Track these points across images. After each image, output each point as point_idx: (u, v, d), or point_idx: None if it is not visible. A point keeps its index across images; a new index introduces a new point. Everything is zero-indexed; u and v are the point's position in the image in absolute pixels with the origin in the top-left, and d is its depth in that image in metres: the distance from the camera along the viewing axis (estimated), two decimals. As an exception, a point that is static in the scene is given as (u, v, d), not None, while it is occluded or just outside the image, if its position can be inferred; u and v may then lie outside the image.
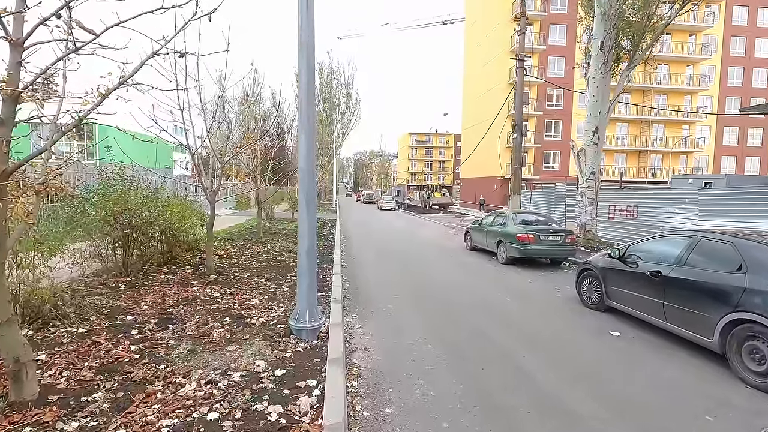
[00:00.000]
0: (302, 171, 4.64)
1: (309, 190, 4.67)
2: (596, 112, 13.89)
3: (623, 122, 41.73)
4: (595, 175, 14.12)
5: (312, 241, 4.71)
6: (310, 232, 4.70)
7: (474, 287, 8.37)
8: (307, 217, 4.67)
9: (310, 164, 4.64)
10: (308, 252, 4.71)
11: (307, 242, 4.69)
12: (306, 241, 4.69)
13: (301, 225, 4.70)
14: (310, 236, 4.70)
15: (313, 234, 4.72)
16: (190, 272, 8.08)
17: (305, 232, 4.69)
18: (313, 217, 4.71)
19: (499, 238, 11.42)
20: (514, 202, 16.84)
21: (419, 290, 7.97)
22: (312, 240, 4.71)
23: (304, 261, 4.72)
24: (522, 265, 10.92)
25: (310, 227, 4.70)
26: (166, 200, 8.44)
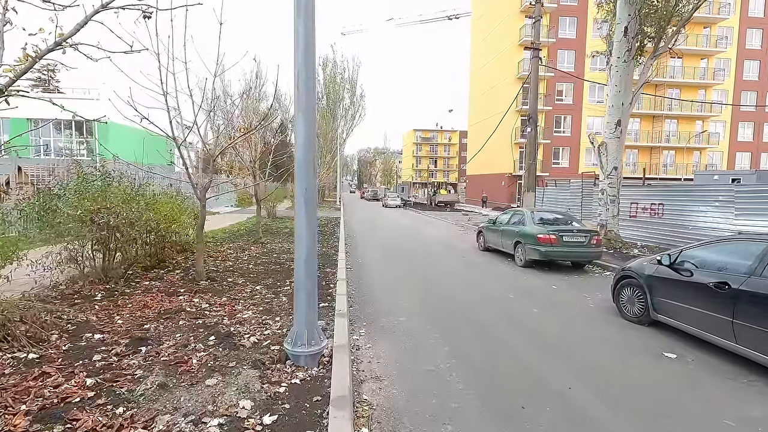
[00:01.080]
0: (300, 162, 3.80)
1: (308, 185, 3.82)
2: (619, 104, 12.96)
3: (635, 117, 40.52)
4: (618, 170, 13.20)
5: (312, 247, 3.87)
6: (310, 235, 3.86)
7: (493, 294, 7.51)
8: (305, 218, 3.82)
9: (309, 153, 3.80)
10: (307, 261, 3.87)
11: (305, 248, 3.85)
12: (304, 246, 3.84)
13: (298, 227, 3.85)
14: (310, 241, 3.86)
15: (313, 238, 3.88)
16: (178, 278, 7.28)
17: (303, 235, 3.84)
18: (313, 217, 3.87)
19: (516, 238, 10.54)
20: (528, 200, 15.94)
21: (433, 298, 7.12)
22: (312, 245, 3.87)
23: (301, 272, 3.88)
24: (541, 268, 10.04)
25: (310, 230, 3.85)
26: (151, 198, 7.64)
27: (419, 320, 5.87)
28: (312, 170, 3.84)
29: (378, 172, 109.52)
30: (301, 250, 3.85)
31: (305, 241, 3.84)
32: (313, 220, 3.87)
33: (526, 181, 16.19)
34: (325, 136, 44.55)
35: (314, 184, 3.85)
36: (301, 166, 3.80)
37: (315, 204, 3.91)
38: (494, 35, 42.45)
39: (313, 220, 3.87)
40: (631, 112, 13.18)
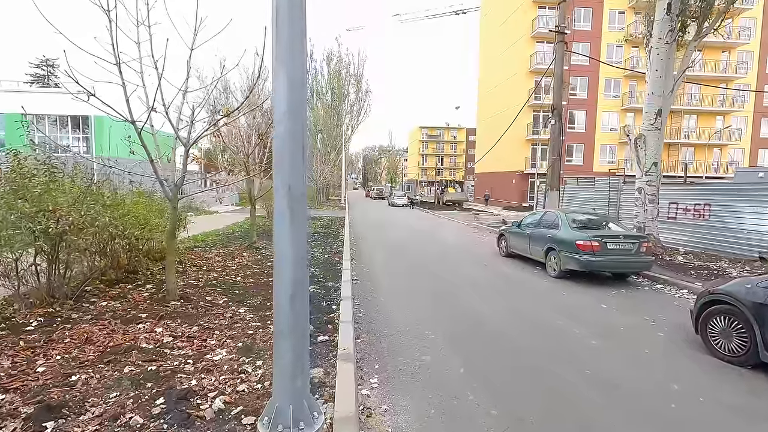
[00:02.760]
0: (281, 144, 2.40)
1: (294, 180, 2.42)
2: (659, 91, 11.45)
3: (652, 113, 38.71)
4: (657, 167, 11.70)
5: (301, 276, 2.46)
6: (297, 258, 2.45)
7: (535, 317, 6.08)
8: (290, 232, 2.43)
9: (295, 131, 2.40)
10: (295, 297, 2.46)
11: (289, 279, 2.44)
12: (288, 277, 2.44)
13: (280, 246, 2.45)
14: (297, 266, 2.45)
15: (301, 262, 2.47)
16: (146, 296, 5.92)
17: (287, 258, 2.43)
18: (301, 229, 2.47)
19: (548, 244, 9.10)
20: (551, 199, 14.47)
21: (461, 324, 5.71)
22: (301, 273, 2.46)
23: (285, 315, 2.47)
24: (577, 279, 8.60)
25: (297, 249, 2.45)
26: (113, 197, 6.29)
27: (450, 360, 4.46)
28: (301, 157, 2.45)
29: (383, 170, 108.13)
30: (283, 282, 2.45)
31: (290, 267, 2.44)
32: (301, 235, 2.47)
33: (550, 178, 14.71)
34: (329, 133, 43.21)
35: (303, 179, 2.44)
36: (282, 150, 2.41)
37: (305, 210, 2.51)
38: (505, 28, 40.81)
39: (301, 234, 2.47)
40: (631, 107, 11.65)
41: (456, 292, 7.44)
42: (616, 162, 39.15)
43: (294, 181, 2.43)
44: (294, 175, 2.43)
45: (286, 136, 2.41)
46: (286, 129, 2.40)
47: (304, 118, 2.48)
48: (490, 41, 45.03)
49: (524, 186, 38.46)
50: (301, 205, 2.45)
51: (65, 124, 32.23)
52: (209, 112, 7.63)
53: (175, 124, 5.60)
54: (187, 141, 5.51)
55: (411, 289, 7.62)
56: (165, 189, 5.43)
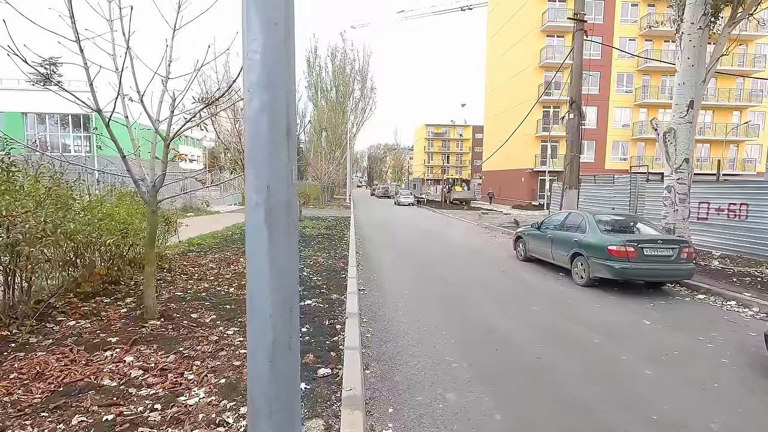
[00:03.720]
0: (254, 122, 1.59)
1: (273, 178, 1.60)
2: (692, 81, 10.52)
3: (665, 107, 37.59)
4: (689, 163, 10.79)
5: (286, 333, 1.64)
6: (281, 304, 1.62)
7: (571, 337, 5.25)
8: (268, 263, 1.61)
9: (279, 98, 1.59)
10: (275, 360, 1.63)
11: (269, 338, 1.62)
12: (266, 331, 1.62)
13: (252, 286, 1.63)
14: (280, 317, 1.62)
15: (286, 309, 1.65)
16: (123, 312, 5.15)
17: (264, 305, 1.61)
18: (286, 258, 1.65)
19: (574, 249, 8.25)
20: (569, 199, 13.57)
21: (486, 347, 4.88)
22: (285, 327, 1.64)
23: (262, 384, 1.66)
24: (608, 287, 7.75)
25: (281, 293, 1.63)
26: (96, 199, 5.54)
27: (481, 401, 3.64)
28: (284, 147, 1.64)
29: (388, 169, 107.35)
30: (260, 338, 1.64)
31: (269, 319, 1.62)
32: (287, 267, 1.65)
33: (568, 176, 13.80)
34: (334, 131, 42.44)
35: (288, 179, 1.63)
36: (255, 138, 1.60)
37: (292, 225, 1.69)
38: (513, 22, 39.77)
39: (287, 265, 1.65)
40: (648, 103, 10.66)
41: (475, 305, 6.62)
42: (628, 159, 38.12)
43: (274, 182, 1.62)
44: (274, 173, 1.62)
45: (262, 116, 1.60)
46: (262, 106, 1.59)
47: (290, 90, 1.67)
48: (497, 37, 43.98)
49: (534, 184, 37.49)
50: (285, 219, 1.64)
51: (66, 123, 31.75)
52: (197, 103, 6.87)
53: (154, 114, 4.83)
54: (167, 134, 4.73)
55: (424, 300, 6.80)
56: (141, 190, 4.65)
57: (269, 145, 1.61)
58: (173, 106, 4.76)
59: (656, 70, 36.58)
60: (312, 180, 40.04)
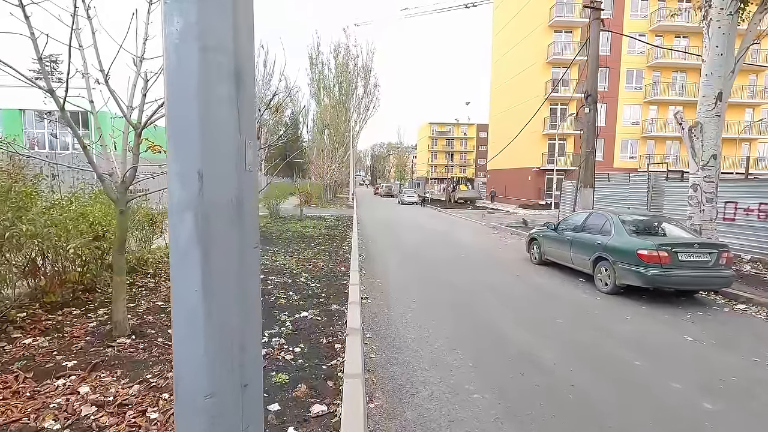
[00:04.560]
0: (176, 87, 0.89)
1: (210, 164, 0.90)
2: (720, 71, 9.76)
3: (676, 104, 36.71)
4: (717, 160, 10.04)
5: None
6: (225, 392, 0.95)
7: (606, 357, 4.54)
8: (205, 325, 0.92)
9: (222, 48, 0.89)
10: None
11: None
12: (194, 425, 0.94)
13: (180, 357, 0.94)
14: (228, 417, 0.95)
15: (247, 408, 0.97)
16: (91, 327, 4.49)
17: (194, 396, 0.93)
18: (244, 305, 0.96)
19: (597, 253, 7.53)
20: (584, 198, 12.84)
21: (509, 369, 4.18)
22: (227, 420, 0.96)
23: None
24: (634, 295, 7.04)
25: (236, 371, 0.95)
26: (55, 197, 4.88)
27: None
28: (233, 100, 0.92)
29: (392, 168, 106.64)
30: None
31: (205, 412, 0.94)
32: (245, 315, 0.97)
33: (583, 174, 13.06)
34: (337, 129, 41.79)
35: (238, 155, 0.94)
36: (180, 78, 0.89)
37: (251, 241, 1.00)
38: (519, 18, 38.93)
39: (244, 312, 0.97)
40: (657, 99, 9.90)
41: (490, 316, 5.92)
42: (637, 158, 37.27)
43: (212, 166, 0.92)
44: (211, 152, 0.92)
45: (188, 48, 0.90)
46: (187, 28, 0.90)
47: (241, 6, 0.98)
48: (503, 33, 43.15)
49: (541, 183, 36.69)
50: (233, 231, 0.95)
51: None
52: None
53: (127, 100, 4.16)
54: (139, 122, 4.05)
55: (433, 311, 6.10)
56: (106, 186, 3.98)
57: (202, 101, 0.91)
58: (145, 89, 4.08)
59: (666, 66, 35.71)
60: (314, 179, 39.39)
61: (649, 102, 36.24)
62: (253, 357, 1.04)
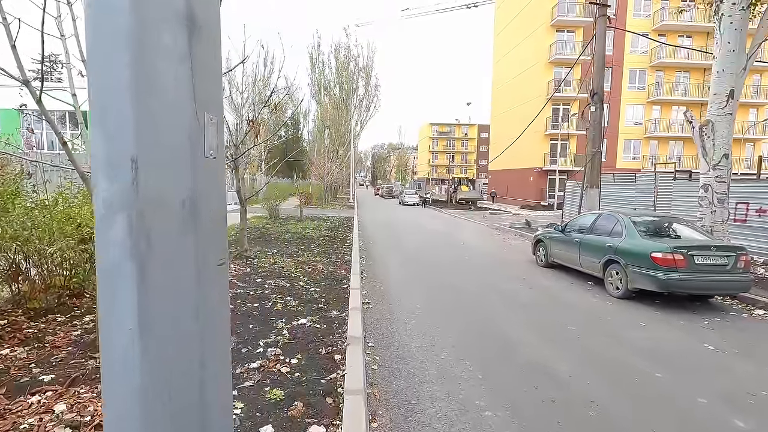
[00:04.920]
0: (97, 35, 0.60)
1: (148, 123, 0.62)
2: (732, 68, 9.47)
3: (679, 104, 36.43)
4: (728, 160, 9.75)
5: None
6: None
7: (625, 368, 4.24)
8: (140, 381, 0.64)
9: None
10: None
11: None
12: None
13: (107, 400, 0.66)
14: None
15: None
16: (74, 337, 4.21)
17: None
18: (210, 321, 0.68)
19: (608, 255, 7.24)
20: (590, 198, 12.55)
21: (524, 383, 3.89)
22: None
23: None
24: (646, 299, 6.76)
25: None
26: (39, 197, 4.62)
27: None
28: (185, 52, 0.63)
29: (392, 168, 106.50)
30: None
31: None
32: (208, 365, 0.69)
33: (589, 174, 12.78)
34: (337, 129, 41.52)
35: (192, 132, 0.66)
36: (97, 17, 0.60)
37: (216, 258, 0.71)
38: (521, 18, 38.67)
39: (206, 361, 0.69)
40: (662, 100, 9.67)
41: (498, 323, 5.63)
42: (640, 158, 36.98)
43: (151, 149, 0.62)
44: (150, 125, 0.62)
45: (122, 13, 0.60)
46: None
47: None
48: (505, 33, 42.89)
49: (543, 183, 36.40)
50: (184, 247, 0.65)
51: (63, 120, 30.97)
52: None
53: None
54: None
55: (438, 317, 5.82)
56: (88, 186, 3.71)
57: (136, 55, 0.62)
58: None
59: (670, 66, 35.42)
60: (315, 179, 39.13)
61: (652, 102, 35.96)
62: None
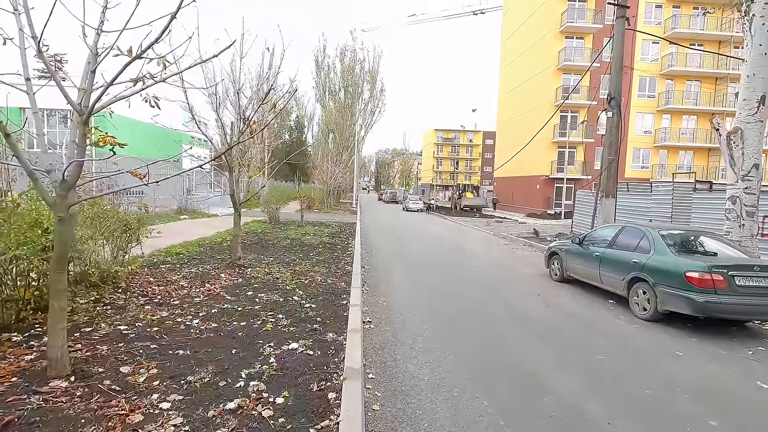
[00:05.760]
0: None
1: None
2: (764, 72, 8.83)
3: (690, 114, 35.77)
4: (759, 170, 9.09)
5: None
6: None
7: (671, 414, 3.58)
8: None
9: None
10: None
11: None
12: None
13: None
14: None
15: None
16: (25, 362, 3.60)
17: None
18: None
19: (634, 273, 6.58)
20: (605, 209, 11.88)
21: (547, 429, 3.26)
22: None
23: None
24: (679, 322, 6.10)
25: None
26: None
27: None
28: None
29: (396, 174, 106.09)
30: None
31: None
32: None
33: (604, 183, 12.11)
34: (341, 133, 41.02)
35: None
36: None
37: None
38: (530, 24, 38.20)
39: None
40: (671, 109, 9.05)
41: (517, 349, 4.98)
42: (649, 168, 36.27)
43: None
44: None
45: None
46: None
47: None
48: (512, 39, 42.42)
49: (549, 192, 35.70)
50: None
51: (65, 119, 30.62)
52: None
53: (80, 81, 3.31)
54: (82, 105, 3.18)
55: (448, 340, 5.18)
56: (40, 187, 3.11)
57: None
58: (95, 64, 3.22)
59: (680, 75, 34.78)
60: (318, 183, 38.61)
61: (662, 111, 35.30)
62: None
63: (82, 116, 3.19)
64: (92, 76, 3.25)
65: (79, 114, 3.20)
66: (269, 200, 17.94)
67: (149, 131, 19.94)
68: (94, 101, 3.17)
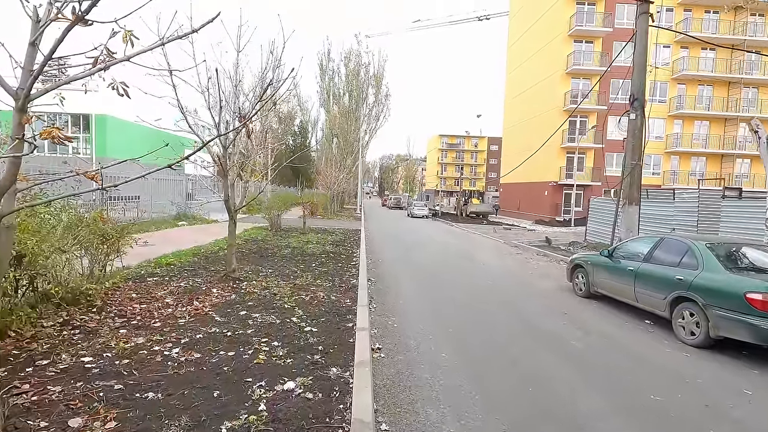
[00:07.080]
0: None
1: None
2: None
3: (702, 119, 34.93)
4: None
5: None
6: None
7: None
8: None
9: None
10: None
11: None
12: None
13: None
14: None
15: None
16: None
17: None
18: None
19: (678, 292, 5.79)
20: (628, 217, 11.08)
21: None
22: None
23: None
24: (732, 349, 5.29)
25: None
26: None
27: None
28: None
29: (400, 179, 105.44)
30: None
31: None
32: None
33: (627, 189, 11.32)
34: (346, 138, 40.44)
35: None
36: None
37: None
38: (537, 28, 37.57)
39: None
40: (683, 114, 8.33)
41: (555, 385, 4.18)
42: (660, 174, 35.39)
43: None
44: None
45: None
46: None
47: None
48: (519, 43, 41.80)
49: (558, 198, 34.85)
50: None
51: (66, 122, 30.17)
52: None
53: (23, 60, 2.60)
54: (19, 91, 2.48)
55: (472, 373, 4.40)
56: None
57: None
58: (36, 34, 2.52)
59: (692, 79, 33.98)
60: (321, 189, 37.95)
61: (673, 116, 34.49)
62: None
63: (17, 101, 2.48)
64: (32, 50, 2.54)
65: (14, 98, 2.48)
66: (271, 206, 17.27)
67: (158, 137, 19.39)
68: (30, 82, 2.46)
